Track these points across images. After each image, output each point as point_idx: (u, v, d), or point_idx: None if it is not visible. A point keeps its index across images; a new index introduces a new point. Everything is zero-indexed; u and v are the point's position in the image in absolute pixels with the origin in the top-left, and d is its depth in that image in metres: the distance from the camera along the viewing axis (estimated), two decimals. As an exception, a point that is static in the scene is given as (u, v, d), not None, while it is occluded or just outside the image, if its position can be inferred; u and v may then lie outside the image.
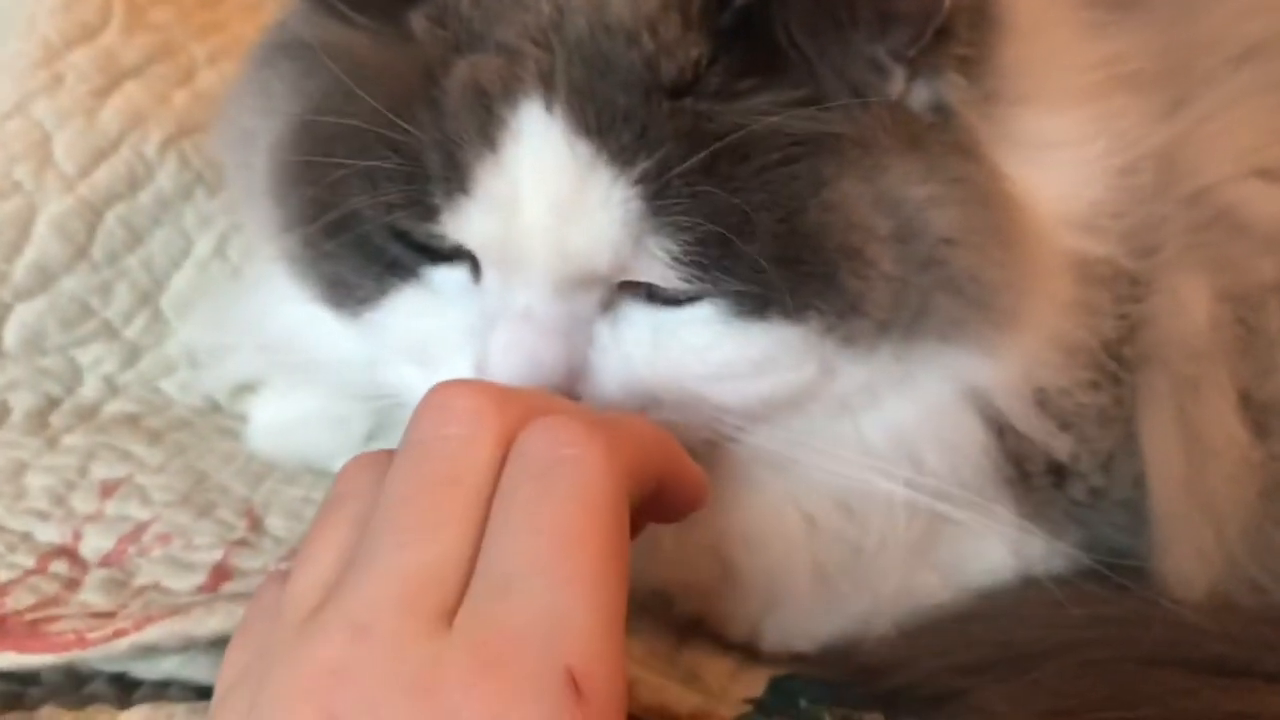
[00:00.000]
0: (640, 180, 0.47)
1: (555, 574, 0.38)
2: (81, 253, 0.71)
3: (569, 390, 0.51)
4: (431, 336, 0.54)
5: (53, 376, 0.71)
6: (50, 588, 0.58)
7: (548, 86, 0.47)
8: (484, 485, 0.40)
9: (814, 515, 0.58)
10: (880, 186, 0.50)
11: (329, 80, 0.51)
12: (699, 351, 0.52)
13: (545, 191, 0.47)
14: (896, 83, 0.50)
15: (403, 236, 0.52)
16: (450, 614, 0.37)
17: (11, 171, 0.68)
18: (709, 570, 0.58)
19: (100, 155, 0.70)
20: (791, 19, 0.47)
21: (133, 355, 0.73)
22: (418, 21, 0.50)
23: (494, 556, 0.38)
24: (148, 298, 0.73)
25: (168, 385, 0.74)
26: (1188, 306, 0.58)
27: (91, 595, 0.58)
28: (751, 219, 0.47)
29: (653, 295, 0.51)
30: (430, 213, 0.49)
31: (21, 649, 0.53)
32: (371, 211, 0.50)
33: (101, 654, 0.53)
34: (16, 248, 0.69)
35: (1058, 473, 0.60)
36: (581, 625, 0.37)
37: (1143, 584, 0.56)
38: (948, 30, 0.50)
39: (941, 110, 0.52)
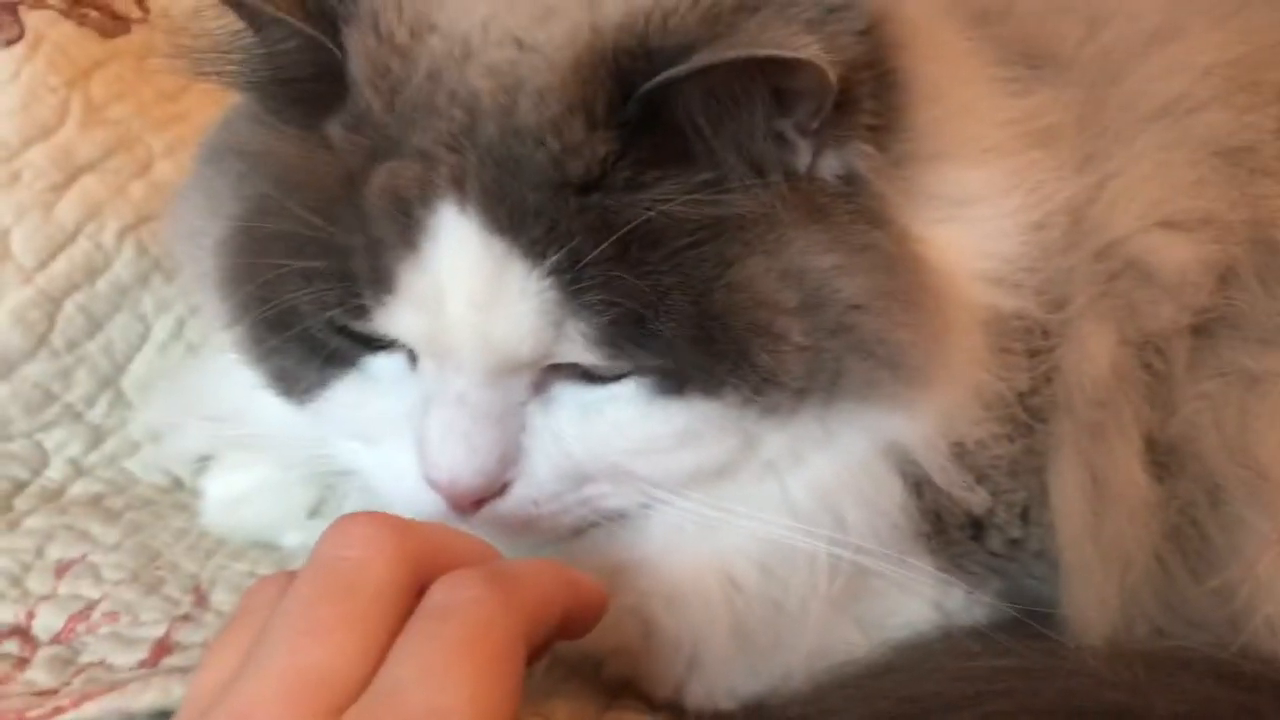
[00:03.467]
0: (553, 271, 0.49)
1: (444, 678, 0.40)
2: (42, 341, 0.74)
3: (502, 474, 0.54)
4: (373, 421, 0.57)
5: (19, 461, 0.74)
6: (1, 667, 0.60)
7: (460, 189, 0.50)
8: (377, 601, 0.42)
9: (734, 575, 0.59)
10: (784, 260, 0.52)
11: (264, 185, 0.54)
12: (623, 427, 0.54)
13: (465, 287, 0.50)
14: (803, 155, 0.52)
15: (341, 329, 0.54)
16: (337, 715, 0.39)
17: (-29, 267, 0.71)
18: (632, 631, 0.59)
19: (57, 247, 0.73)
20: (692, 104, 0.49)
21: (97, 437, 0.76)
22: (334, 130, 0.53)
23: (387, 670, 0.41)
24: (109, 381, 0.76)
25: (132, 465, 0.77)
26: (1093, 354, 0.58)
27: (38, 674, 0.60)
28: (663, 301, 0.50)
29: (581, 375, 0.53)
30: (361, 311, 0.52)
31: (-40, 729, 0.55)
32: (309, 308, 0.53)
33: (38, 731, 0.55)
34: (-22, 339, 0.72)
35: (976, 525, 0.60)
36: None
37: (1049, 633, 0.56)
38: (850, 101, 0.51)
39: (851, 178, 0.53)
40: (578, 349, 0.51)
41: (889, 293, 0.53)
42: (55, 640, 0.62)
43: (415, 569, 0.44)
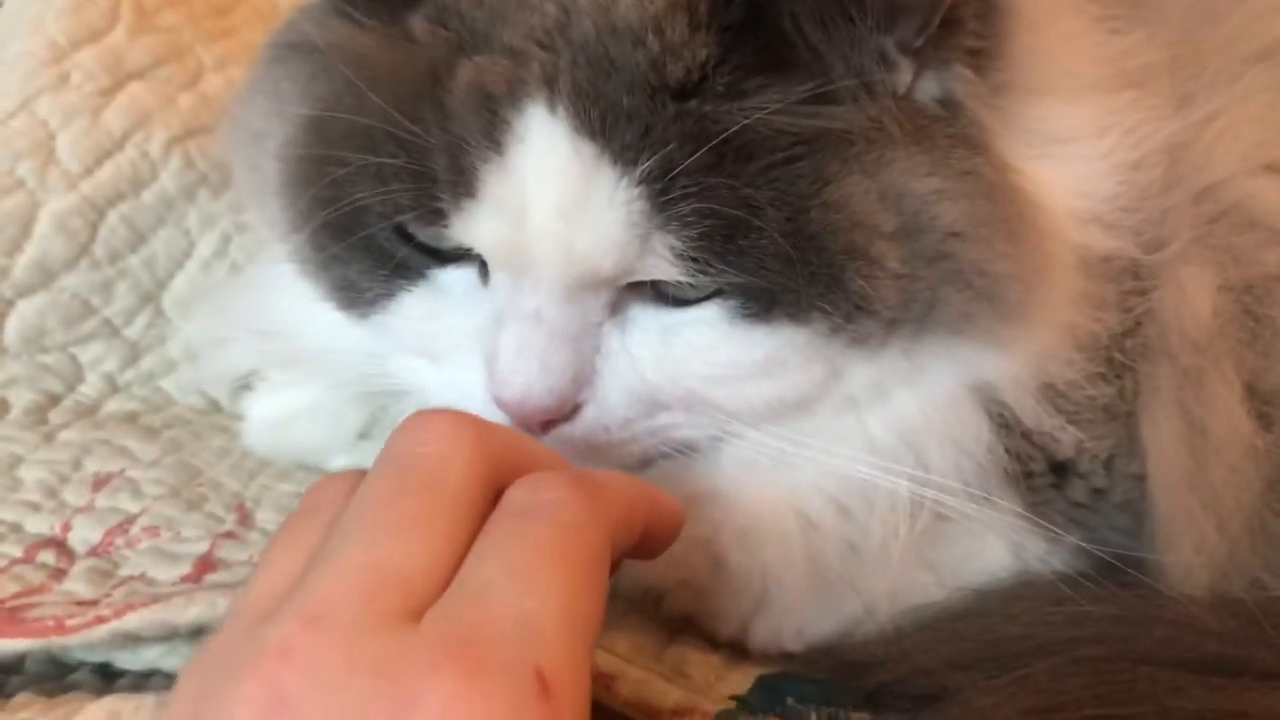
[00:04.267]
0: (644, 180, 0.47)
1: (532, 581, 0.37)
2: (83, 250, 0.71)
3: (574, 395, 0.52)
4: (440, 337, 0.55)
5: (54, 373, 0.72)
6: (36, 577, 0.58)
7: (551, 88, 0.48)
8: (458, 498, 0.40)
9: (811, 514, 0.57)
10: (885, 181, 0.50)
11: (339, 81, 0.52)
12: (703, 352, 0.52)
13: (551, 194, 0.48)
14: (904, 75, 0.50)
15: (410, 239, 0.52)
16: (417, 615, 0.37)
17: (15, 168, 0.69)
18: (701, 566, 0.57)
19: (104, 154, 0.71)
20: (799, 10, 0.47)
21: (133, 354, 0.74)
22: (418, 24, 0.50)
23: (471, 568, 0.38)
24: (149, 297, 0.74)
25: (168, 384, 0.74)
26: (1192, 298, 0.57)
27: (76, 584, 0.57)
28: (756, 215, 0.48)
29: (660, 297, 0.51)
30: (438, 215, 0.49)
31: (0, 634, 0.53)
32: (380, 209, 0.51)
33: (80, 640, 0.53)
34: (18, 244, 0.69)
35: (1059, 473, 0.58)
36: (554, 632, 0.37)
37: (1142, 581, 0.54)
38: (955, 21, 0.50)
39: (949, 104, 0.51)
40: (664, 265, 0.49)
41: (990, 221, 0.51)
42: (92, 553, 0.60)
43: (494, 468, 0.41)
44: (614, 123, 0.47)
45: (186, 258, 0.74)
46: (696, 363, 0.52)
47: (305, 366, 0.66)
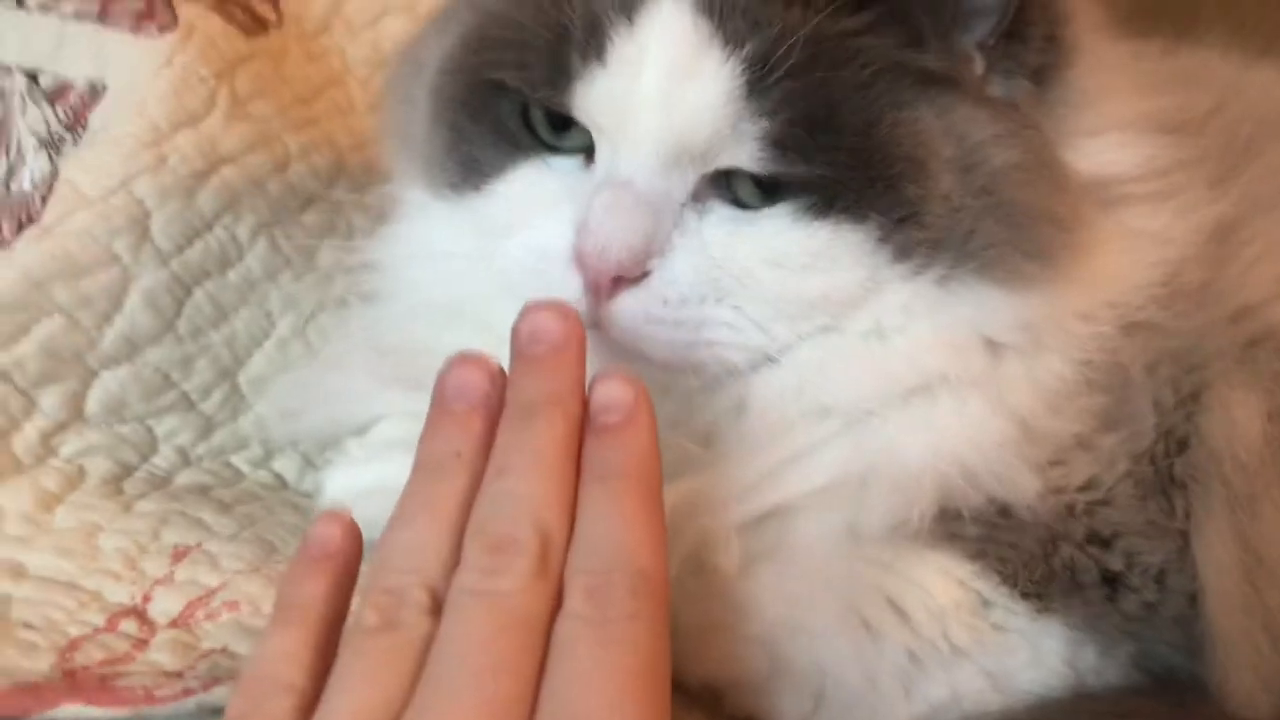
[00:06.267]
0: (746, 61, 0.54)
1: (621, 710, 0.42)
2: (168, 326, 0.73)
3: (646, 258, 0.57)
4: (538, 201, 0.60)
5: (129, 444, 0.74)
6: (120, 646, 0.59)
7: None
8: (544, 629, 0.44)
9: (867, 615, 0.59)
10: (949, 121, 0.57)
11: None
12: (766, 239, 0.57)
13: (665, 59, 0.55)
14: (977, 67, 0.57)
15: (530, 128, 0.60)
16: None
17: (111, 244, 0.71)
18: (758, 664, 0.59)
19: (194, 234, 0.73)
20: None
21: (207, 429, 0.76)
22: None
23: (563, 698, 0.42)
24: (227, 373, 0.76)
25: (239, 460, 0.76)
26: (1241, 424, 0.59)
27: (160, 655, 0.59)
28: (836, 115, 0.54)
29: (736, 201, 0.57)
30: (566, 80, 0.56)
31: (92, 702, 0.54)
32: (514, 84, 0.58)
33: (170, 711, 0.54)
34: (108, 317, 0.72)
35: (1111, 585, 0.60)
36: None
37: (1198, 702, 0.56)
38: (1020, 34, 0.57)
39: (1014, 105, 0.58)
40: (749, 146, 0.55)
41: (1036, 168, 0.57)
42: (173, 624, 0.62)
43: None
44: (729, 9, 0.54)
45: (266, 337, 0.77)
46: (759, 248, 0.57)
47: (377, 438, 0.68)
